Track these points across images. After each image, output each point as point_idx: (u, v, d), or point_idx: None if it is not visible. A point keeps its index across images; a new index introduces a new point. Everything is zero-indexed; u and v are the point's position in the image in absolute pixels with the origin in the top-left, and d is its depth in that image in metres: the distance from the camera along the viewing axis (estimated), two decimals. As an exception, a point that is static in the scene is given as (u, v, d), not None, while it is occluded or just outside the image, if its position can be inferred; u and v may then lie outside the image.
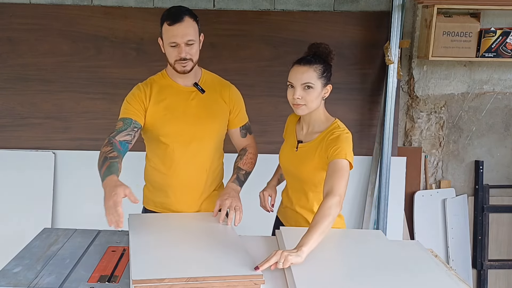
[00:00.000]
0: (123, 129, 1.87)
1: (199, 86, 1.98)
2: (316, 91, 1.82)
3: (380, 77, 3.25)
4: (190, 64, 1.90)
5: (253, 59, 3.20)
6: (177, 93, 1.97)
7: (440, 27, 3.04)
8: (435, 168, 3.45)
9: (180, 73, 1.91)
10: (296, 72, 1.82)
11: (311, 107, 1.84)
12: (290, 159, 1.95)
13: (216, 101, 2.02)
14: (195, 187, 2.03)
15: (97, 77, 3.17)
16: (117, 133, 1.86)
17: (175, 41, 1.85)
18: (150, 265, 1.42)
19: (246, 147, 2.13)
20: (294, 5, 3.20)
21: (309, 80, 1.80)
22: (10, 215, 3.15)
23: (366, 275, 1.51)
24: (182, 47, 1.85)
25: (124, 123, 1.89)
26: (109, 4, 3.14)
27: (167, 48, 1.89)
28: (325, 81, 1.84)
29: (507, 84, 3.35)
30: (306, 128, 1.93)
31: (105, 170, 1.65)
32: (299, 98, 1.81)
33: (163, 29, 1.89)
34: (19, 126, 3.20)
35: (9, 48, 3.13)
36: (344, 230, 1.94)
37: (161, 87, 1.97)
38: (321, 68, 1.82)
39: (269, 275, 1.51)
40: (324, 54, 1.85)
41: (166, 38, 1.87)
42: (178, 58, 1.87)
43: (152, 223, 1.82)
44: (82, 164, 3.19)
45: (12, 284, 1.45)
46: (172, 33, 1.84)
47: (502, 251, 3.47)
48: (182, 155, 1.97)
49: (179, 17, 1.84)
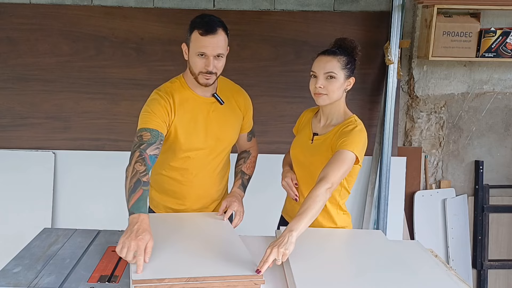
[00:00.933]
0: (153, 142, 1.76)
1: (219, 97, 1.93)
2: (338, 81, 1.81)
3: (380, 77, 3.25)
4: (214, 78, 1.84)
5: (253, 59, 3.20)
6: (199, 105, 1.91)
7: (440, 27, 3.04)
8: (435, 168, 3.45)
9: (201, 85, 1.85)
10: (320, 62, 1.82)
11: (332, 98, 1.83)
12: (304, 151, 1.94)
13: (233, 110, 1.99)
14: (210, 194, 2.05)
15: (97, 77, 3.17)
16: (147, 145, 1.74)
17: (205, 52, 1.77)
18: (150, 265, 1.42)
19: (250, 150, 2.14)
20: (294, 5, 3.20)
21: (332, 69, 1.80)
22: (10, 215, 3.15)
23: (366, 275, 1.51)
24: (210, 59, 1.78)
25: (152, 135, 1.77)
26: (109, 4, 3.14)
27: (193, 57, 1.81)
28: (348, 73, 1.84)
29: (507, 84, 3.35)
30: (324, 120, 1.93)
31: (137, 200, 1.58)
32: (321, 87, 1.80)
33: (192, 36, 1.80)
34: (19, 126, 3.20)
35: (9, 48, 3.13)
36: (344, 230, 1.94)
37: (182, 98, 1.89)
38: (345, 60, 1.82)
39: (269, 275, 1.51)
40: (350, 48, 1.86)
41: (195, 47, 1.79)
42: (204, 70, 1.80)
43: (152, 223, 1.81)
44: (82, 164, 3.19)
45: (12, 284, 1.45)
46: (203, 43, 1.76)
47: (502, 251, 3.47)
48: (202, 166, 1.95)
49: (213, 28, 1.76)
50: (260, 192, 2.42)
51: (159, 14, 3.14)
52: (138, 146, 1.74)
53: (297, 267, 1.51)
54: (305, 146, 1.94)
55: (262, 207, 2.84)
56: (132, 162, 1.69)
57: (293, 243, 1.50)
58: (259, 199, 2.69)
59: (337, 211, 1.95)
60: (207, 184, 2.01)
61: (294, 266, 1.51)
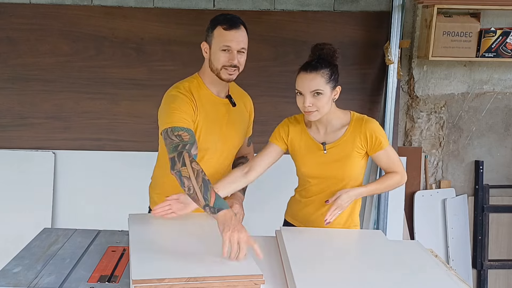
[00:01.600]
0: (192, 141, 1.76)
1: (232, 99, 1.95)
2: (326, 96, 1.80)
3: (380, 77, 3.25)
4: (237, 73, 1.86)
5: (253, 59, 3.17)
6: (216, 105, 1.92)
7: (440, 27, 3.04)
8: (435, 168, 3.45)
9: (224, 80, 1.86)
10: (304, 80, 1.80)
11: (323, 112, 1.83)
12: (321, 165, 1.91)
13: (242, 113, 2.01)
14: None
15: (97, 77, 3.17)
16: (190, 145, 1.74)
17: (230, 45, 1.80)
18: (150, 265, 1.42)
19: (247, 156, 2.13)
20: (294, 5, 3.20)
21: (318, 87, 1.79)
22: (10, 215, 3.14)
23: (366, 275, 1.51)
24: (234, 53, 1.81)
25: (190, 134, 1.77)
26: (109, 4, 3.14)
27: (216, 52, 1.83)
28: (334, 84, 1.83)
29: (507, 84, 3.35)
30: (324, 129, 1.91)
31: (216, 197, 1.61)
32: (310, 105, 1.80)
33: (215, 32, 1.83)
34: (19, 126, 3.20)
35: (9, 48, 3.13)
36: (344, 230, 1.94)
37: (201, 97, 1.89)
38: (328, 72, 1.80)
39: (269, 275, 1.51)
40: (329, 56, 1.83)
41: (219, 42, 1.82)
42: (228, 64, 1.82)
43: (152, 223, 1.82)
44: (82, 164, 3.19)
45: (12, 284, 1.45)
46: (228, 37, 1.80)
47: (502, 251, 3.47)
48: (212, 167, 1.93)
49: (236, 23, 1.82)
50: (260, 192, 2.42)
51: (159, 14, 3.14)
52: (182, 146, 1.71)
53: (297, 267, 1.51)
54: (319, 160, 1.91)
55: (262, 207, 2.85)
56: (186, 162, 1.66)
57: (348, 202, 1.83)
58: (259, 199, 2.69)
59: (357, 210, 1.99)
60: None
61: (294, 266, 1.51)
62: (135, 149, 3.19)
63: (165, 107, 1.85)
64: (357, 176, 1.91)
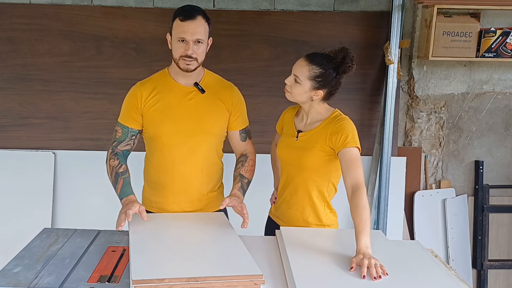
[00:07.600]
0: (123, 139, 2.00)
1: (199, 86, 1.97)
2: (302, 88, 1.87)
3: (380, 77, 3.25)
4: (195, 63, 1.89)
5: (253, 59, 3.20)
6: (176, 92, 1.96)
7: (440, 27, 3.04)
8: (435, 168, 3.45)
9: (183, 70, 1.90)
10: (298, 62, 1.90)
11: (295, 98, 1.92)
12: (290, 150, 1.97)
13: (215, 102, 2.00)
14: (190, 187, 2.01)
15: (97, 77, 3.17)
16: (118, 143, 2.00)
17: (184, 37, 1.85)
18: (150, 265, 1.43)
19: (247, 153, 2.11)
20: (294, 5, 3.20)
21: (299, 75, 1.87)
22: (10, 215, 3.15)
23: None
24: (190, 44, 1.85)
25: (123, 132, 1.99)
26: (109, 4, 3.14)
27: (174, 43, 1.89)
28: (317, 85, 1.86)
29: (507, 84, 3.35)
30: (306, 118, 1.97)
31: (121, 189, 1.90)
32: (287, 83, 1.92)
33: (174, 24, 1.88)
34: (19, 126, 3.20)
35: (9, 48, 3.13)
36: (344, 230, 1.94)
37: (159, 86, 1.97)
38: (317, 72, 1.84)
39: (269, 275, 1.51)
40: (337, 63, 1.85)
41: (176, 33, 1.87)
42: (183, 54, 1.86)
43: (152, 223, 1.82)
44: (82, 164, 3.19)
45: (12, 284, 1.45)
46: (183, 28, 1.85)
47: (502, 251, 3.47)
48: (178, 154, 1.96)
49: (192, 14, 1.86)
50: (260, 192, 2.41)
51: (159, 14, 3.14)
52: (111, 143, 2.01)
53: (297, 267, 1.51)
54: (290, 145, 1.97)
55: (262, 207, 2.84)
56: (107, 159, 1.98)
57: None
58: (259, 199, 2.68)
59: (325, 209, 1.97)
60: (188, 178, 1.99)
61: (294, 266, 1.51)
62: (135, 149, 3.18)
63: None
64: (318, 170, 1.91)
